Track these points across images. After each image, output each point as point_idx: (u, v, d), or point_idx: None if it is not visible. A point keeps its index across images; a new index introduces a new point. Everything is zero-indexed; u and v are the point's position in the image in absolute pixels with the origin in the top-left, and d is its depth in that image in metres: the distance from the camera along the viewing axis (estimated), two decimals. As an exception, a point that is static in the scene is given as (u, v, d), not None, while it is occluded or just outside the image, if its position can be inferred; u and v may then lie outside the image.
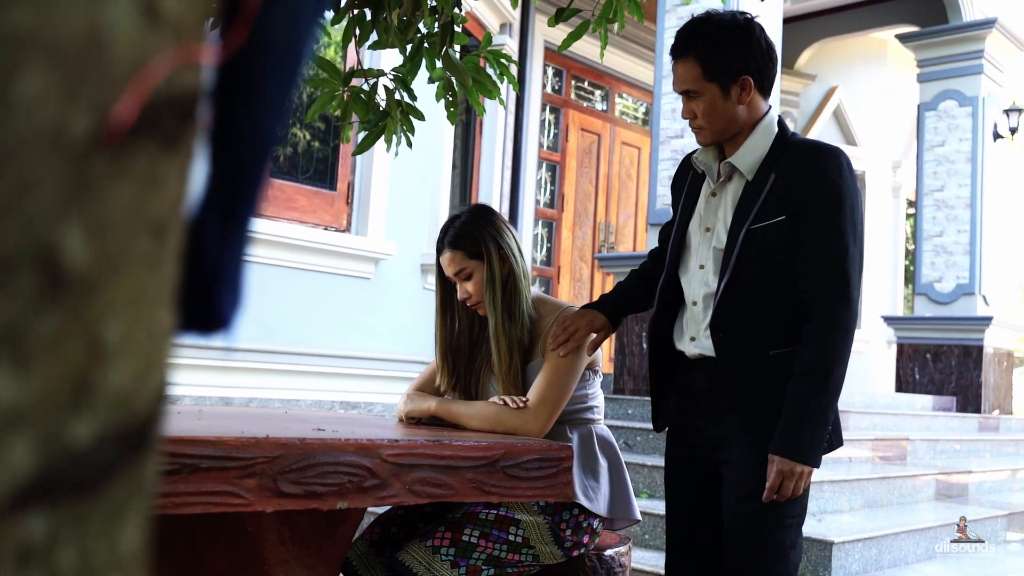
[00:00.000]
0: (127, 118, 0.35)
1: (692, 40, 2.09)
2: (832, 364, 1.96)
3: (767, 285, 2.04)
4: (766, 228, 2.02)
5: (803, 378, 1.97)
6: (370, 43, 2.95)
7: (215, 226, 0.43)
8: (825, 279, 1.99)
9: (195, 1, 0.37)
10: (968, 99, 8.61)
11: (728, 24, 2.08)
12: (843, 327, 1.98)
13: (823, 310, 1.98)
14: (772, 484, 1.96)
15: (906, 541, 4.26)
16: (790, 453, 1.95)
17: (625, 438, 5.25)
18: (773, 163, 2.06)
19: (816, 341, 1.97)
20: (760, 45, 2.08)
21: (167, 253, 0.37)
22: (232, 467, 1.54)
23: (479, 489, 1.86)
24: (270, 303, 5.25)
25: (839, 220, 1.99)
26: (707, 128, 2.11)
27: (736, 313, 2.05)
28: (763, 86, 2.10)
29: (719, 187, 2.15)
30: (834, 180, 2.01)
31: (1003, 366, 8.68)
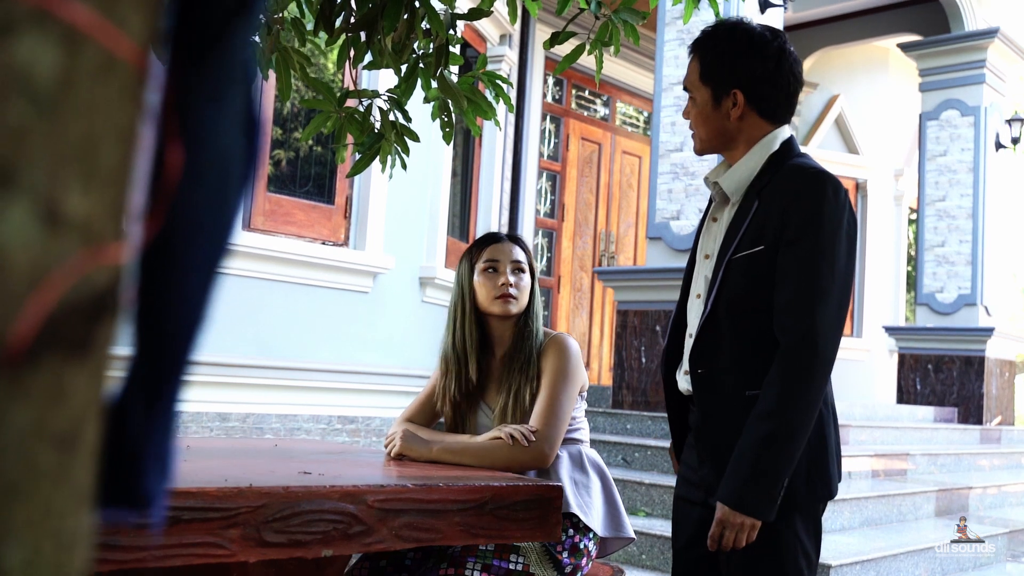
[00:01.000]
0: (26, 336, 0.33)
1: (703, 38, 2.03)
2: (788, 411, 1.78)
3: (747, 320, 1.90)
4: (747, 258, 1.90)
5: (757, 422, 1.80)
6: (365, 64, 2.94)
7: (139, 404, 0.41)
8: (791, 317, 1.82)
9: (104, 196, 0.35)
10: (970, 109, 8.59)
11: (740, 34, 1.98)
12: (804, 371, 1.80)
13: (786, 352, 1.81)
14: (712, 533, 1.83)
15: (905, 562, 4.24)
16: (733, 502, 1.80)
17: (623, 454, 5.23)
18: (762, 187, 1.93)
19: (774, 384, 1.80)
20: (766, 64, 1.95)
21: (77, 462, 0.35)
22: (215, 518, 1.52)
23: (467, 532, 1.84)
24: (267, 318, 5.24)
25: (814, 251, 1.83)
26: (696, 133, 2.04)
27: (714, 348, 1.93)
28: (762, 107, 1.97)
29: (717, 210, 2.07)
30: (814, 207, 1.85)
31: (1005, 376, 8.65)
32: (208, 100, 0.39)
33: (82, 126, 0.35)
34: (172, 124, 0.39)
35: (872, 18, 9.34)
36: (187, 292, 0.40)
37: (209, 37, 0.39)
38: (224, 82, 0.40)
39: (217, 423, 4.98)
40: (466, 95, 2.90)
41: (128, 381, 0.41)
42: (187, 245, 0.39)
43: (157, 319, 0.40)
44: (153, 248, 0.39)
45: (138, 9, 0.37)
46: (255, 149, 0.42)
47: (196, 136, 0.39)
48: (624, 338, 6.00)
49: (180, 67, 0.39)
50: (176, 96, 0.39)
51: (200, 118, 0.39)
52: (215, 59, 0.39)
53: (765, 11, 5.94)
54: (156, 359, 0.41)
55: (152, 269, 0.39)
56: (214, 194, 0.40)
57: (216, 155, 0.40)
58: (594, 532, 2.33)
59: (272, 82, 4.24)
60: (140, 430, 0.41)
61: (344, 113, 2.97)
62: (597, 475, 2.41)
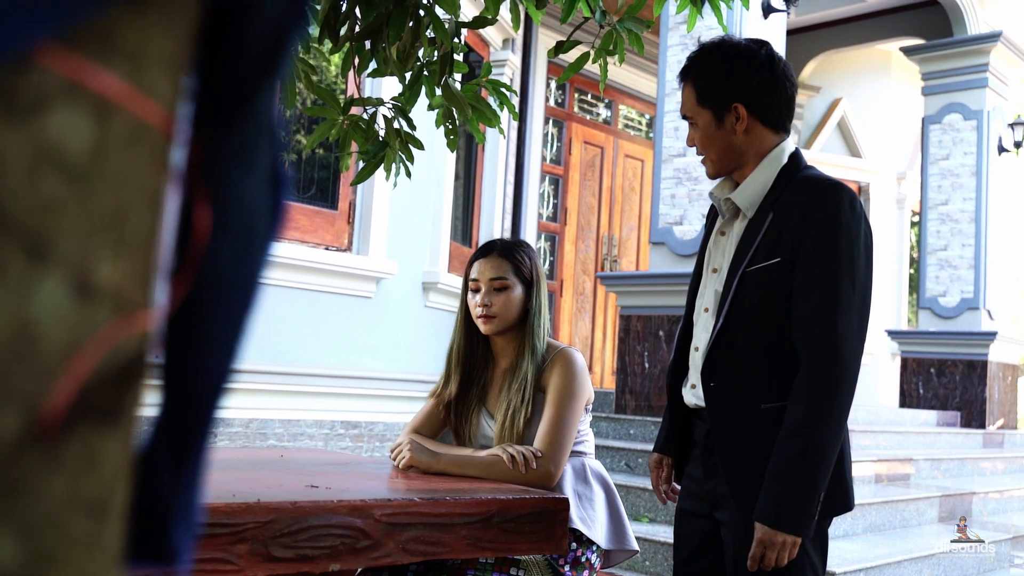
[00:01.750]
0: (61, 408, 0.33)
1: (691, 64, 2.04)
2: (818, 424, 1.78)
3: (762, 333, 1.90)
4: (762, 271, 1.90)
5: (787, 438, 1.80)
6: (369, 71, 2.94)
7: (167, 458, 0.41)
8: (813, 329, 1.82)
9: (133, 263, 0.35)
10: (973, 112, 8.59)
11: (728, 50, 2.00)
12: (831, 383, 1.79)
13: (810, 364, 1.81)
14: (754, 554, 1.82)
15: (909, 569, 4.24)
16: (771, 521, 1.79)
17: (626, 459, 5.23)
18: (775, 200, 1.94)
19: (801, 399, 1.80)
20: (760, 74, 1.97)
21: (108, 527, 0.36)
22: (223, 533, 1.53)
23: (474, 545, 1.84)
24: (271, 323, 5.25)
25: (833, 263, 1.83)
26: (706, 157, 2.04)
27: (727, 362, 1.93)
28: (765, 117, 1.98)
29: (726, 225, 2.06)
30: (831, 219, 1.85)
31: (1007, 380, 8.65)
32: (235, 161, 0.39)
33: (112, 195, 0.35)
34: (199, 186, 0.39)
35: (874, 21, 9.34)
36: (215, 350, 0.40)
37: (234, 98, 0.40)
38: (250, 142, 0.40)
39: (221, 428, 4.99)
40: (470, 103, 2.91)
41: (156, 436, 0.41)
42: (215, 304, 0.39)
43: (185, 376, 0.40)
44: (181, 309, 0.39)
45: (166, 74, 0.37)
46: (281, 205, 0.42)
47: (223, 198, 0.39)
48: (627, 343, 6.00)
49: (206, 128, 0.39)
50: (203, 158, 0.39)
51: (227, 180, 0.39)
52: (241, 120, 0.39)
53: (768, 16, 5.94)
54: (184, 415, 0.41)
55: (181, 328, 0.40)
56: (242, 253, 0.40)
57: (243, 215, 0.40)
58: (597, 545, 2.33)
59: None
60: (168, 485, 0.41)
61: (348, 121, 2.97)
62: (601, 487, 2.40)
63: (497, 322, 2.40)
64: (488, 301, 2.39)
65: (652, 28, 3.25)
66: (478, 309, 2.40)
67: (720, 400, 1.94)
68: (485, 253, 2.48)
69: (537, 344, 2.40)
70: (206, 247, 0.39)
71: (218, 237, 0.39)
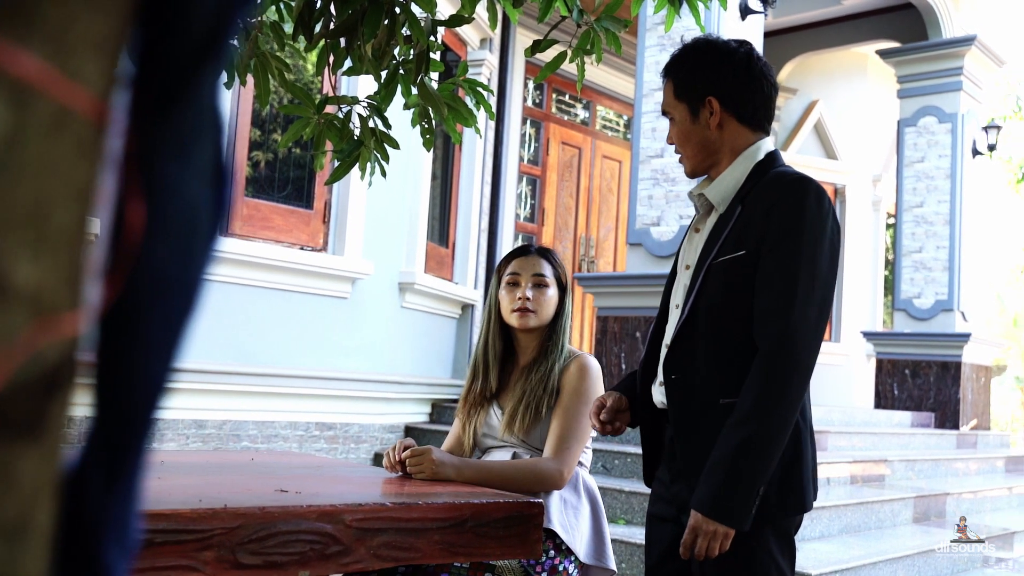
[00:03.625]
0: (-31, 422, 0.30)
1: (672, 61, 2.06)
2: (763, 416, 1.75)
3: (724, 326, 1.88)
4: (726, 263, 1.89)
5: (731, 429, 1.78)
6: (344, 69, 2.91)
7: (99, 472, 0.38)
8: (769, 322, 1.81)
9: (56, 262, 0.32)
10: (948, 116, 8.64)
11: (706, 46, 2.02)
12: (781, 376, 1.77)
13: (763, 356, 1.79)
14: (685, 540, 1.79)
15: (884, 570, 4.24)
16: (705, 510, 1.76)
17: (603, 461, 5.21)
18: (744, 194, 1.93)
19: (751, 390, 1.78)
20: (735, 69, 1.97)
21: (27, 553, 0.33)
22: (189, 540, 1.49)
23: (447, 550, 1.81)
24: (244, 324, 5.19)
25: (795, 256, 1.81)
26: (683, 154, 2.04)
27: (689, 355, 1.91)
28: (740, 113, 1.97)
29: (700, 221, 2.06)
30: (796, 212, 1.84)
31: (981, 382, 8.71)
32: (173, 153, 0.36)
33: (32, 187, 0.32)
34: (134, 180, 0.36)
35: (851, 24, 9.38)
36: (151, 355, 0.37)
37: (174, 84, 0.37)
38: (191, 133, 0.37)
39: (193, 430, 4.93)
40: (447, 102, 2.88)
41: (87, 449, 0.38)
42: (151, 306, 0.36)
43: (119, 385, 0.37)
44: (114, 310, 0.36)
45: (96, 57, 0.34)
46: (223, 201, 0.39)
47: (160, 192, 0.36)
48: (604, 344, 5.99)
49: (142, 118, 0.36)
50: (138, 149, 0.36)
51: (164, 173, 0.36)
52: (181, 108, 0.37)
53: (746, 17, 5.95)
54: (118, 426, 0.38)
55: (114, 332, 0.37)
56: (180, 251, 0.37)
57: (181, 210, 0.37)
58: (576, 557, 2.29)
59: (251, 86, 4.20)
60: (100, 502, 0.38)
61: (323, 119, 2.94)
62: (588, 500, 2.38)
63: (535, 317, 2.46)
64: (530, 295, 2.45)
65: (630, 29, 3.24)
66: (518, 302, 2.46)
67: (680, 393, 1.92)
68: (524, 252, 2.56)
69: (564, 343, 2.47)
70: (140, 245, 0.36)
71: (153, 234, 0.36)
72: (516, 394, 2.40)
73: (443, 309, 6.75)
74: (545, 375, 2.39)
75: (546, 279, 2.48)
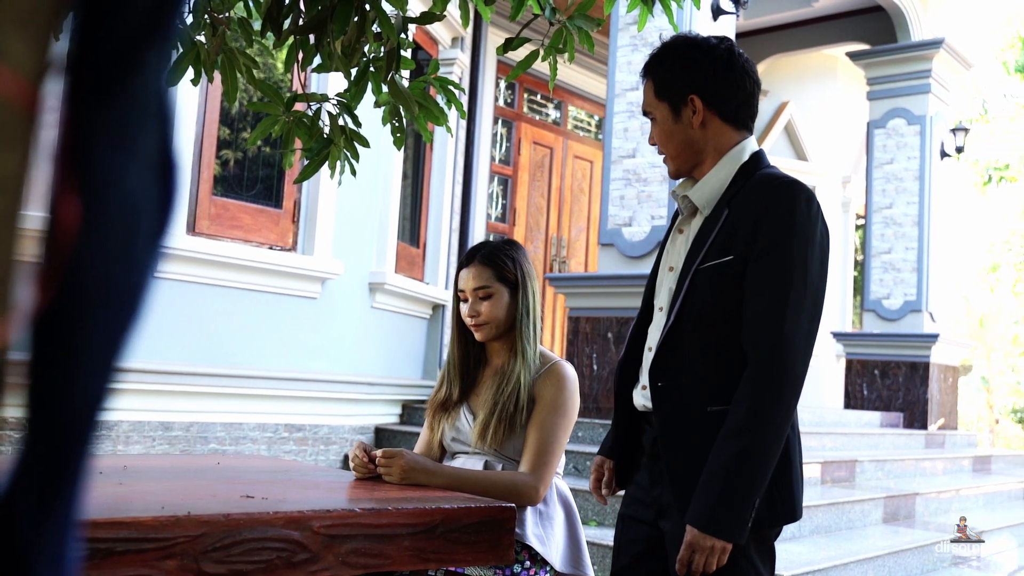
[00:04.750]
0: None
1: (652, 60, 2.02)
2: (758, 427, 1.73)
3: (712, 332, 1.85)
4: (714, 268, 1.85)
5: (726, 440, 1.75)
6: (314, 67, 2.86)
7: (31, 503, 0.34)
8: (761, 330, 1.78)
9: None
10: (916, 118, 8.70)
11: (686, 43, 1.98)
12: (776, 386, 1.75)
13: (755, 365, 1.76)
14: (681, 557, 1.76)
15: (855, 571, 4.25)
16: (702, 524, 1.73)
17: (574, 462, 5.19)
18: (731, 197, 1.89)
19: (743, 400, 1.75)
20: (716, 66, 1.93)
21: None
22: (150, 549, 1.44)
23: (417, 557, 1.78)
24: (212, 324, 5.12)
25: (786, 263, 1.79)
26: (666, 155, 2.00)
27: (676, 361, 1.87)
28: (723, 111, 1.94)
29: (684, 223, 2.02)
30: (786, 218, 1.81)
31: (948, 382, 8.78)
32: (114, 144, 0.33)
33: (-51, 180, 0.29)
34: (69, 173, 0.32)
35: (821, 26, 9.43)
36: (89, 368, 0.34)
37: (114, 66, 0.33)
38: (134, 121, 0.33)
39: (160, 432, 4.85)
40: (417, 100, 2.84)
41: (17, 473, 0.34)
42: (88, 313, 0.33)
43: (53, 400, 0.34)
44: (48, 317, 0.33)
45: (23, 35, 0.30)
46: (171, 196, 0.36)
47: (98, 186, 0.32)
48: (576, 345, 5.96)
49: (80, 103, 0.33)
50: (75, 140, 0.32)
51: (103, 165, 0.32)
52: (122, 94, 0.33)
53: (718, 18, 5.95)
54: (52, 447, 0.34)
55: (47, 341, 0.33)
56: (120, 252, 0.33)
57: (122, 207, 0.33)
58: (552, 567, 2.26)
59: (218, 83, 4.15)
60: (33, 532, 0.34)
61: (292, 117, 2.89)
62: (563, 508, 2.34)
63: (488, 329, 2.37)
64: (474, 311, 2.37)
65: (602, 28, 3.21)
66: (468, 319, 2.39)
67: (667, 401, 1.89)
68: (468, 262, 2.45)
69: (527, 347, 2.36)
70: (75, 245, 0.32)
71: (91, 233, 0.32)
72: (488, 404, 2.32)
73: (414, 309, 6.70)
74: (516, 388, 2.29)
75: (490, 289, 2.36)
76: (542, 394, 2.31)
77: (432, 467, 2.18)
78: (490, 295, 2.36)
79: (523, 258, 2.45)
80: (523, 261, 2.44)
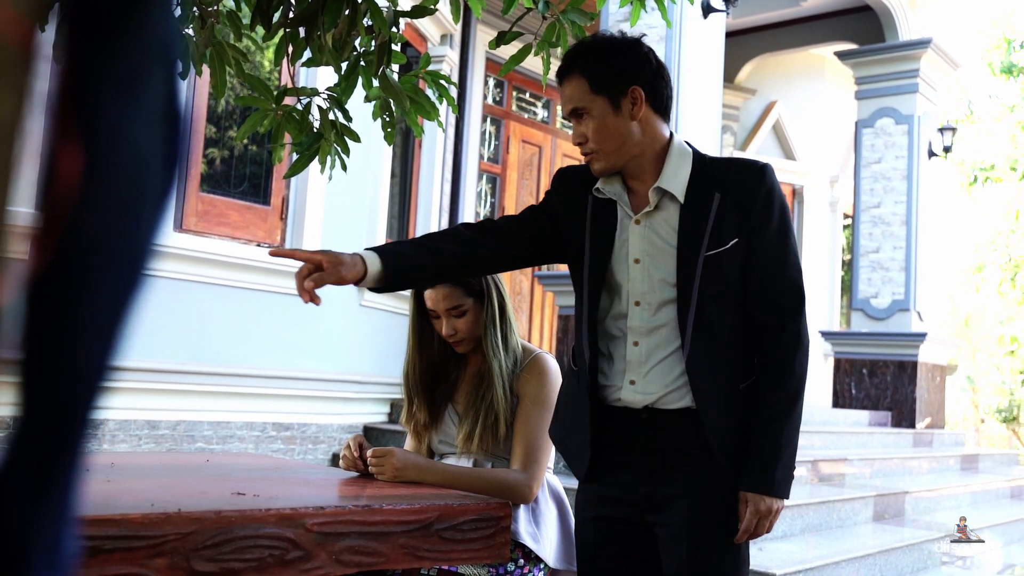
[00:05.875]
0: None
1: (577, 57, 1.98)
2: (800, 389, 1.92)
3: (730, 315, 1.93)
4: (722, 254, 1.90)
5: (774, 407, 1.90)
6: (304, 61, 2.83)
7: (26, 482, 0.31)
8: (790, 304, 1.94)
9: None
10: (904, 117, 8.72)
11: (613, 39, 2.00)
12: (806, 352, 1.94)
13: (790, 336, 1.92)
14: (747, 525, 1.88)
15: (846, 569, 4.24)
16: (766, 489, 1.87)
17: (562, 460, 5.17)
18: (707, 183, 1.94)
19: (785, 367, 1.91)
20: (649, 60, 1.98)
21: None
22: (140, 547, 1.41)
23: (412, 555, 1.75)
24: (199, 322, 5.07)
25: (785, 232, 1.96)
26: (600, 150, 1.94)
27: (709, 349, 1.91)
28: (657, 104, 1.97)
29: (645, 216, 1.97)
30: (780, 198, 1.97)
31: (936, 381, 8.80)
32: (117, 90, 0.30)
33: (-63, 121, 0.26)
34: (69, 121, 0.29)
35: (809, 26, 9.44)
36: (90, 337, 0.31)
37: (118, 10, 0.30)
38: (138, 66, 0.30)
39: (146, 431, 4.80)
40: (409, 95, 2.81)
41: (12, 453, 0.31)
42: (89, 276, 0.30)
43: (51, 372, 0.31)
44: (45, 278, 0.30)
45: (20, -34, 0.27)
46: (176, 148, 0.33)
47: (100, 136, 0.30)
48: (565, 343, 5.95)
49: (81, 48, 0.30)
50: (76, 85, 0.29)
51: (106, 113, 0.30)
52: (124, 36, 0.30)
53: (708, 16, 5.94)
54: (48, 424, 0.31)
55: (44, 307, 0.30)
56: (123, 209, 0.30)
57: (126, 159, 0.30)
58: (545, 563, 2.24)
59: (206, 78, 4.11)
60: (28, 515, 0.31)
61: (282, 111, 2.86)
62: (555, 503, 2.32)
63: (468, 342, 2.36)
64: (452, 329, 2.34)
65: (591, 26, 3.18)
66: (448, 338, 2.36)
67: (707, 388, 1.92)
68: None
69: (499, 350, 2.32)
70: (76, 200, 0.29)
71: (92, 187, 0.29)
72: (469, 412, 2.29)
73: (403, 308, 6.66)
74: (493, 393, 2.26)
75: (462, 306, 2.33)
76: (525, 390, 2.29)
77: (424, 464, 2.16)
78: (464, 312, 2.34)
79: None
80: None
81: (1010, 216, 16.01)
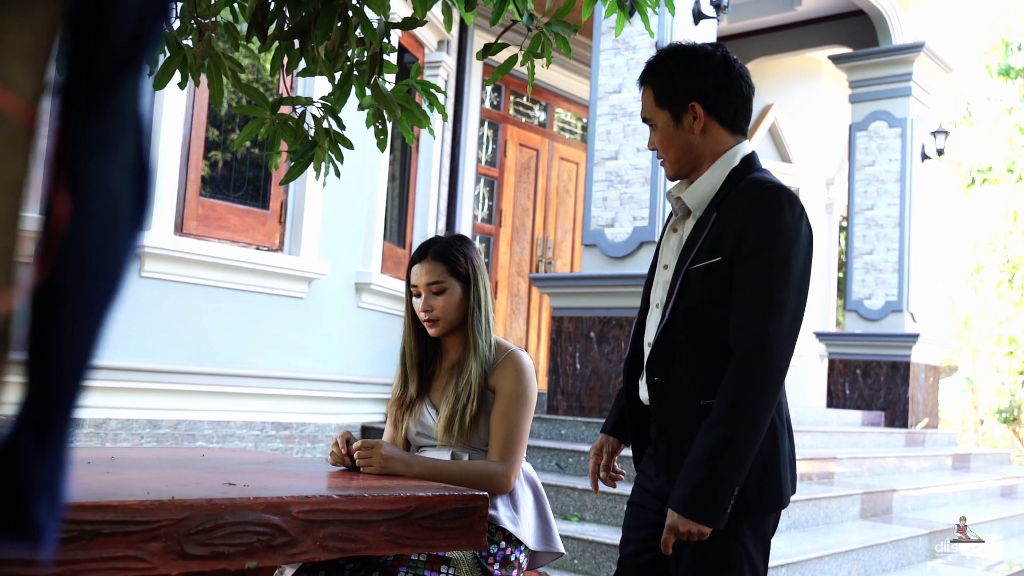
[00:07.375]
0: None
1: (649, 68, 2.08)
2: (738, 419, 1.82)
3: (703, 330, 1.94)
4: (704, 269, 1.94)
5: (707, 430, 1.84)
6: (299, 70, 2.94)
7: (29, 440, 0.42)
8: (745, 328, 1.86)
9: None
10: (897, 120, 8.82)
11: (682, 52, 2.05)
12: (755, 380, 1.83)
13: (738, 362, 1.85)
14: (664, 539, 1.87)
15: (830, 564, 4.34)
16: (681, 508, 1.82)
17: (557, 459, 5.27)
18: (720, 200, 1.98)
19: (726, 393, 1.84)
20: (715, 73, 2.00)
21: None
22: (136, 531, 1.52)
23: (393, 542, 1.86)
24: (200, 324, 5.19)
25: (770, 264, 1.87)
26: (665, 159, 2.07)
27: (671, 357, 1.97)
28: (722, 117, 2.02)
29: (678, 223, 2.10)
30: (770, 220, 1.90)
31: (929, 381, 8.90)
32: (97, 150, 0.41)
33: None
34: (61, 175, 0.40)
35: (804, 30, 9.54)
36: (76, 333, 0.42)
37: (97, 89, 0.41)
38: (114, 132, 0.42)
39: (148, 430, 4.92)
40: (400, 103, 2.91)
41: (19, 418, 0.43)
42: (76, 287, 0.41)
43: (47, 356, 0.42)
44: (43, 291, 0.41)
45: (26, 66, 0.38)
46: (146, 194, 0.44)
47: (84, 185, 0.41)
48: (559, 344, 6.05)
49: (69, 118, 0.41)
50: (65, 147, 0.41)
51: (88, 168, 0.41)
52: (104, 110, 0.41)
53: (699, 22, 6.04)
54: (46, 395, 0.42)
55: (43, 309, 0.41)
56: (103, 238, 0.41)
57: (104, 201, 0.42)
58: (525, 545, 2.36)
59: (205, 86, 4.22)
60: (30, 464, 0.43)
61: (278, 120, 2.96)
62: (530, 489, 2.43)
63: (441, 324, 2.42)
64: (428, 306, 2.41)
65: (585, 30, 3.29)
66: (422, 314, 2.42)
67: (663, 395, 1.99)
68: (420, 256, 2.48)
69: (480, 341, 2.41)
70: (66, 232, 0.40)
71: (78, 223, 0.40)
72: (448, 399, 2.38)
73: (399, 309, 6.78)
74: (470, 383, 2.36)
75: (443, 284, 2.40)
76: (502, 386, 2.38)
77: (409, 458, 2.27)
78: (443, 290, 2.41)
79: (474, 253, 2.50)
80: (474, 256, 2.49)
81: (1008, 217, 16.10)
